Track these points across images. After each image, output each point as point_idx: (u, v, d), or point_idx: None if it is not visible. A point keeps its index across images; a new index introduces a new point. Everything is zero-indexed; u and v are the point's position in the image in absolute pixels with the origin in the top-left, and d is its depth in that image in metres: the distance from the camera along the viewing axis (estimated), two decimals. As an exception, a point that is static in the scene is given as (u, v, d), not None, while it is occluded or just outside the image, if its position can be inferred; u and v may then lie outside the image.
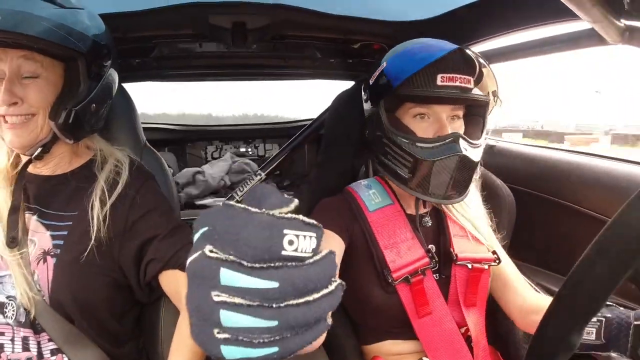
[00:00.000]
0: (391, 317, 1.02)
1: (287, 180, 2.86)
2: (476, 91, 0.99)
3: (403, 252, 1.02)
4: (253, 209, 0.36)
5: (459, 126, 0.99)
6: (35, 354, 0.95)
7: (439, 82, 0.93)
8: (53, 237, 0.98)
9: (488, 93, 1.03)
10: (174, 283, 1.01)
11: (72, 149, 1.04)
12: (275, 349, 0.36)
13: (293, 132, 2.48)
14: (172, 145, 2.86)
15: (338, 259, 0.91)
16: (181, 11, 1.36)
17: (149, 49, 1.60)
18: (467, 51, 0.99)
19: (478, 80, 0.98)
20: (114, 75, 1.04)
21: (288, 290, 0.35)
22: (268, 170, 2.24)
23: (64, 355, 0.96)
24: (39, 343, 0.95)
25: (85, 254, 0.96)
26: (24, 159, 0.97)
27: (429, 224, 1.08)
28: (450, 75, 0.93)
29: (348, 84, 2.01)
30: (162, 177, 1.21)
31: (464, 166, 0.95)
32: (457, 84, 0.93)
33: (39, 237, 0.97)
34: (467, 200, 1.05)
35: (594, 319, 0.79)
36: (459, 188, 0.98)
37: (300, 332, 0.36)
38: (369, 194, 1.08)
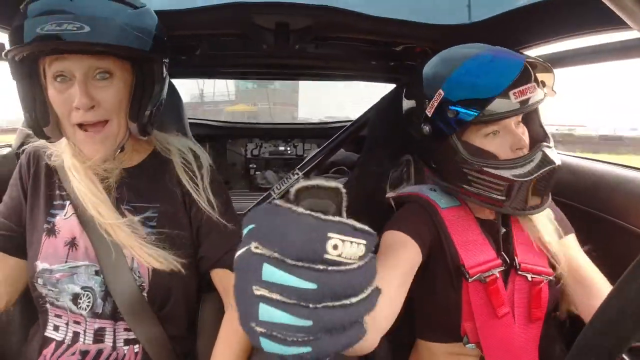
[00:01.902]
0: (450, 316, 1.02)
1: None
2: (539, 93, 0.97)
3: (476, 252, 1.01)
4: (299, 210, 0.36)
5: (523, 129, 0.99)
6: (110, 344, 0.97)
7: (513, 100, 0.92)
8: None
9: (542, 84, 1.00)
10: (225, 281, 1.04)
11: (133, 144, 1.05)
12: (308, 349, 0.36)
13: (332, 133, 2.47)
14: (213, 142, 2.92)
15: (412, 270, 0.94)
16: (225, 11, 1.38)
17: (193, 46, 1.64)
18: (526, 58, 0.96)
19: (537, 83, 0.96)
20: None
21: (326, 293, 0.35)
22: (306, 169, 2.25)
23: (135, 346, 0.98)
24: (114, 332, 0.97)
25: (179, 239, 1.00)
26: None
27: (503, 231, 1.06)
28: (521, 89, 0.92)
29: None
30: None
31: (555, 172, 0.95)
32: (528, 95, 0.93)
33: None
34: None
35: None
36: (548, 193, 0.99)
37: (335, 335, 0.36)
38: (436, 194, 1.08)
